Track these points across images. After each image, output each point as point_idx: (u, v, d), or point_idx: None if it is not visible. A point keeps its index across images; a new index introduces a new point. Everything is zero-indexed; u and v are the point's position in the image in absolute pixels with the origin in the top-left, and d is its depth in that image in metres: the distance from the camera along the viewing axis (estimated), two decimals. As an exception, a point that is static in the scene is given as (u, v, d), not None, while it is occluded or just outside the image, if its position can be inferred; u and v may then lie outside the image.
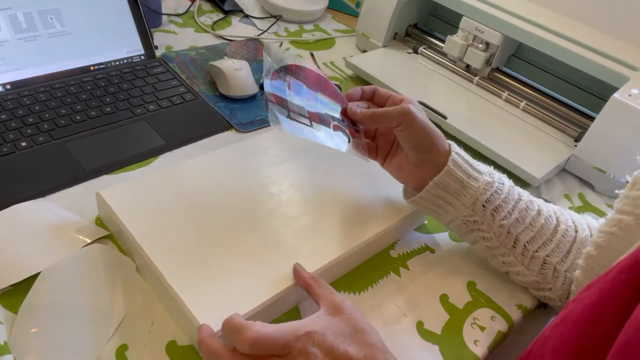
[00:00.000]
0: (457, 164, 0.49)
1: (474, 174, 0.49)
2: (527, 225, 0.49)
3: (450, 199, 0.50)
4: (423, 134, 0.49)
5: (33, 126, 0.61)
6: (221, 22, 0.95)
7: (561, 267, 0.49)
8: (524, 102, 0.78)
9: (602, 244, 0.44)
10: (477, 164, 0.51)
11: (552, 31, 0.73)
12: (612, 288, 0.33)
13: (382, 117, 0.49)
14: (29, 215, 0.51)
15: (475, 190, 0.49)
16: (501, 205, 0.49)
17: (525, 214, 0.50)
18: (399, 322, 0.50)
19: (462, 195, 0.49)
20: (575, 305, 0.36)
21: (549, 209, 0.52)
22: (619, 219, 0.43)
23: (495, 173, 0.51)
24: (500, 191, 0.49)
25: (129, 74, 0.73)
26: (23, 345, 0.41)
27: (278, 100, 0.49)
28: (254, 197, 0.55)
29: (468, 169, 0.49)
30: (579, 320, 0.35)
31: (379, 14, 0.88)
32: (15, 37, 0.66)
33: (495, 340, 0.50)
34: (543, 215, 0.50)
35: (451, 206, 0.50)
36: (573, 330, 0.35)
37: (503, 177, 0.51)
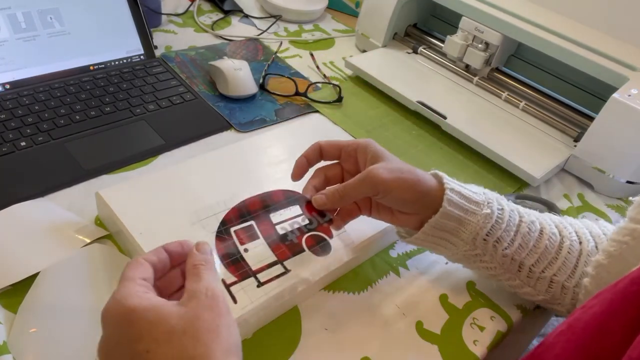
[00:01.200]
0: (452, 203, 0.45)
1: (471, 208, 0.46)
2: (530, 249, 0.47)
3: (448, 236, 0.47)
4: (404, 190, 0.45)
5: (32, 126, 0.61)
6: (221, 22, 0.95)
7: (569, 283, 0.48)
8: (524, 102, 0.78)
9: (614, 253, 0.43)
10: (472, 194, 0.47)
11: (552, 31, 0.73)
12: (622, 299, 0.32)
13: (353, 192, 0.45)
14: (29, 215, 0.51)
15: (475, 225, 0.46)
16: (503, 236, 0.46)
17: (528, 238, 0.47)
18: (399, 322, 0.50)
19: (461, 231, 0.46)
20: (583, 313, 0.35)
21: (550, 224, 0.49)
22: (632, 228, 0.41)
23: (492, 199, 0.47)
24: (500, 220, 0.46)
25: (129, 73, 0.73)
26: (22, 345, 0.41)
27: (240, 275, 0.43)
28: (253, 197, 0.55)
29: (464, 204, 0.46)
30: (586, 329, 0.34)
31: (379, 14, 0.88)
32: (14, 37, 0.66)
33: (495, 340, 0.50)
34: (546, 235, 0.47)
35: (450, 243, 0.48)
36: (580, 339, 0.34)
37: (501, 201, 0.48)
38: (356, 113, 0.77)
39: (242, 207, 0.47)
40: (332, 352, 0.46)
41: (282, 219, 0.48)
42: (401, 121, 0.77)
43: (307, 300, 0.49)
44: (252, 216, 0.47)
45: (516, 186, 0.70)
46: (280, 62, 0.87)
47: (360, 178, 0.45)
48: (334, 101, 0.78)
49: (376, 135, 0.73)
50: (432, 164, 0.70)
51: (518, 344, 0.62)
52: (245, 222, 0.46)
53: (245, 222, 0.46)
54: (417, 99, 0.76)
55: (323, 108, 0.76)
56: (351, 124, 0.74)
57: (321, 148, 0.49)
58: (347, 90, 0.81)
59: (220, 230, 0.45)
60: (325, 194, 0.46)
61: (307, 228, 0.47)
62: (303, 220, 0.48)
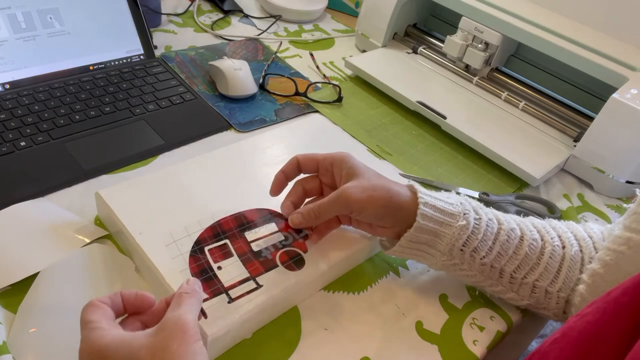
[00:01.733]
0: (426, 217, 0.46)
1: (446, 221, 0.46)
2: (510, 256, 0.47)
3: (425, 248, 0.48)
4: (377, 207, 0.45)
5: (32, 126, 0.61)
6: (220, 22, 0.95)
7: (552, 288, 0.47)
8: (523, 102, 0.78)
9: (610, 262, 0.43)
10: (447, 206, 0.46)
11: (552, 31, 0.73)
12: (614, 309, 0.32)
13: (328, 212, 0.46)
14: (28, 214, 0.51)
15: (450, 237, 0.46)
16: (480, 246, 0.46)
17: (507, 245, 0.46)
18: (398, 322, 0.50)
19: (437, 243, 0.47)
20: (577, 321, 0.35)
21: (532, 230, 0.48)
22: (628, 237, 0.41)
23: (469, 210, 0.47)
24: (477, 231, 0.46)
25: (128, 73, 0.73)
26: (22, 344, 0.41)
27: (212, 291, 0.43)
28: (253, 197, 0.55)
29: (439, 216, 0.46)
30: (580, 338, 0.34)
31: (379, 14, 0.88)
32: (14, 37, 0.65)
33: (495, 340, 0.50)
34: (526, 241, 0.47)
35: (428, 254, 0.48)
36: (574, 348, 0.34)
37: (479, 209, 0.48)
38: (356, 113, 0.77)
39: (217, 226, 0.48)
40: (332, 352, 0.46)
41: (257, 237, 0.48)
42: (401, 121, 0.77)
43: (306, 300, 0.49)
44: (226, 235, 0.48)
45: (516, 186, 0.70)
46: (280, 62, 0.87)
47: (333, 198, 0.46)
48: (334, 101, 0.78)
49: (376, 135, 0.73)
50: (432, 164, 0.70)
51: (518, 345, 0.62)
52: (220, 241, 0.47)
53: (219, 241, 0.47)
54: (417, 99, 0.76)
55: (323, 108, 0.77)
56: (351, 124, 0.74)
57: (299, 162, 0.50)
58: (346, 90, 0.81)
59: (195, 250, 0.45)
60: (301, 213, 0.47)
61: (282, 244, 0.48)
62: (279, 237, 0.49)
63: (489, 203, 0.65)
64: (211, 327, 0.41)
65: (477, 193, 0.66)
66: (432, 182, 0.66)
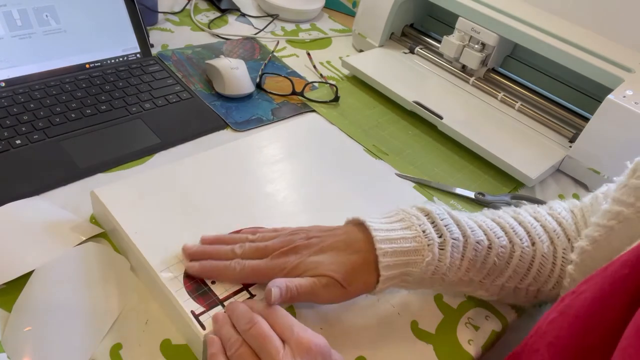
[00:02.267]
0: (389, 267, 0.43)
1: (411, 260, 0.44)
2: (478, 268, 0.45)
3: (401, 284, 0.46)
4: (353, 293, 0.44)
5: (28, 124, 0.61)
6: (217, 21, 0.95)
7: (522, 285, 0.47)
8: (520, 103, 0.79)
9: (599, 239, 0.41)
10: (408, 244, 0.44)
11: (548, 32, 0.73)
12: (613, 283, 0.31)
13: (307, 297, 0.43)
14: (23, 213, 0.51)
15: (418, 272, 0.44)
16: (447, 271, 0.45)
17: (474, 260, 0.45)
18: (393, 321, 0.50)
19: (406, 279, 0.45)
20: (574, 299, 0.35)
21: (500, 235, 0.46)
22: (617, 212, 0.39)
23: (432, 238, 0.44)
24: (443, 257, 0.44)
25: (125, 72, 0.73)
26: (16, 343, 0.41)
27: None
28: (249, 197, 0.55)
29: (403, 259, 0.43)
30: (578, 315, 0.33)
31: (376, 13, 0.88)
32: (9, 34, 0.65)
33: (489, 339, 0.50)
34: (494, 250, 0.45)
35: (405, 286, 0.47)
36: (572, 326, 0.34)
37: (442, 227, 0.44)
38: (353, 113, 0.77)
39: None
40: (327, 352, 0.46)
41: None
42: (397, 121, 0.78)
43: (302, 300, 0.50)
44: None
45: (511, 186, 0.70)
46: (277, 62, 0.87)
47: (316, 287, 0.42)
48: (331, 101, 0.78)
49: (372, 135, 0.73)
50: (428, 164, 0.70)
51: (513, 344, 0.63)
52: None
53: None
54: (414, 99, 0.77)
55: (320, 107, 0.77)
56: (348, 124, 0.74)
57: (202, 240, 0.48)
58: (343, 90, 0.81)
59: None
60: (280, 288, 0.41)
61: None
62: None
63: (484, 203, 0.65)
64: (207, 327, 0.41)
65: (473, 193, 0.66)
66: (428, 182, 0.67)
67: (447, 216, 0.46)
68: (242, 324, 0.39)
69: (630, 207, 0.38)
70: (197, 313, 0.42)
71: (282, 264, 0.43)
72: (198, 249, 0.46)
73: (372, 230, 0.44)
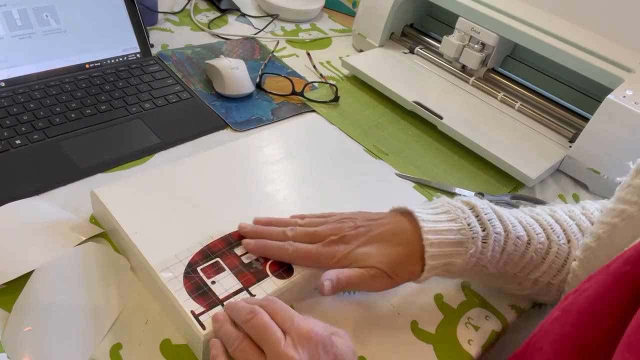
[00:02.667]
0: (434, 256, 0.45)
1: (455, 251, 0.45)
2: (515, 262, 0.47)
3: (443, 273, 0.47)
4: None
5: (28, 124, 0.61)
6: (217, 21, 0.95)
7: (555, 281, 0.48)
8: (519, 103, 0.79)
9: (603, 236, 0.42)
10: (453, 236, 0.45)
11: (548, 32, 0.73)
12: (615, 280, 0.32)
13: (356, 286, 0.46)
14: (23, 213, 0.51)
15: (461, 264, 0.46)
16: (488, 264, 0.46)
17: (513, 255, 0.47)
18: (394, 321, 0.50)
19: (449, 270, 0.47)
20: (577, 296, 0.35)
21: (539, 232, 0.47)
22: (621, 210, 0.40)
23: (476, 230, 0.45)
24: (485, 250, 0.46)
25: (125, 72, 0.73)
26: (17, 343, 0.41)
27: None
28: (249, 197, 0.55)
29: (448, 250, 0.45)
30: (581, 313, 0.34)
31: (376, 13, 0.88)
32: (9, 34, 0.65)
33: (489, 339, 0.50)
34: (532, 246, 0.47)
35: (446, 275, 0.48)
36: (575, 323, 0.34)
37: (486, 222, 0.46)
38: (353, 113, 0.77)
39: (206, 249, 0.48)
40: (327, 352, 0.46)
41: (247, 250, 0.49)
42: (397, 121, 0.78)
43: (303, 301, 0.50)
44: (216, 255, 0.48)
45: (511, 186, 0.70)
46: (277, 62, 0.87)
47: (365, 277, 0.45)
48: (331, 101, 0.78)
49: (372, 135, 0.73)
50: (428, 164, 0.70)
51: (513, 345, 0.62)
52: (211, 260, 0.47)
53: (210, 260, 0.47)
54: (414, 99, 0.77)
55: (319, 107, 0.77)
56: (347, 124, 0.74)
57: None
58: (343, 90, 0.81)
59: (188, 271, 0.45)
60: (331, 280, 0.44)
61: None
62: None
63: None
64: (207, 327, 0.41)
65: (472, 193, 0.66)
66: (428, 182, 0.67)
67: (490, 210, 0.47)
68: (243, 315, 0.39)
69: (634, 205, 0.39)
70: (197, 313, 0.42)
71: (333, 252, 0.46)
72: (252, 229, 0.49)
73: (419, 221, 0.46)
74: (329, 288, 0.43)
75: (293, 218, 0.51)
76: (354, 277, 0.44)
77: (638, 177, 0.39)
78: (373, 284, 0.45)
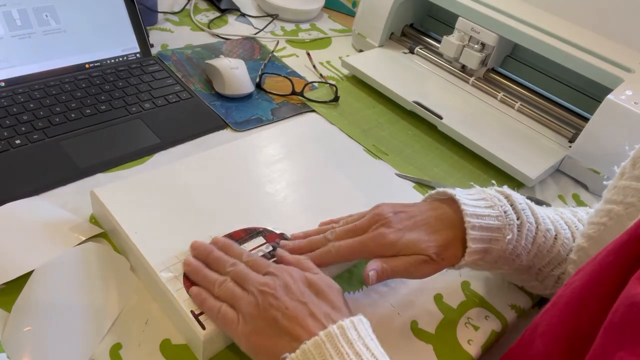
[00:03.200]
0: (476, 240, 0.46)
1: (494, 237, 0.46)
2: (544, 255, 0.48)
3: (479, 262, 0.48)
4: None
5: (27, 124, 0.61)
6: (217, 21, 0.95)
7: None
8: (519, 103, 0.79)
9: (593, 235, 0.43)
10: (492, 221, 0.46)
11: (548, 32, 0.73)
12: (599, 271, 0.33)
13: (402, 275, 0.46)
14: (23, 213, 0.51)
15: (499, 250, 0.47)
16: (521, 252, 0.48)
17: (542, 247, 0.48)
18: (393, 321, 0.50)
19: (486, 256, 0.47)
20: (565, 289, 0.37)
21: (565, 228, 0.49)
22: (608, 209, 0.42)
23: (512, 219, 0.47)
24: (520, 238, 0.47)
25: (124, 72, 0.73)
26: (16, 343, 0.41)
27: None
28: (249, 196, 0.55)
29: (487, 235, 0.46)
30: (568, 304, 0.35)
31: (376, 13, 0.88)
32: (9, 34, 0.65)
33: (489, 339, 0.50)
34: (560, 240, 0.48)
35: (481, 265, 0.49)
36: (563, 314, 0.35)
37: (520, 212, 0.47)
38: (352, 113, 0.77)
39: None
40: (327, 352, 0.46)
41: (247, 249, 0.48)
42: (397, 121, 0.78)
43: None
44: None
45: (511, 186, 0.69)
46: (277, 62, 0.87)
47: (411, 265, 0.45)
48: (331, 101, 0.78)
49: (372, 135, 0.73)
50: (427, 163, 0.70)
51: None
52: None
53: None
54: (413, 99, 0.77)
55: (319, 107, 0.77)
56: (347, 124, 0.74)
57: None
58: (343, 90, 0.81)
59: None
60: (376, 270, 0.44)
61: (270, 254, 0.49)
62: (267, 247, 0.49)
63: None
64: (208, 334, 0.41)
65: (472, 193, 0.66)
66: (428, 182, 0.67)
67: (523, 201, 0.48)
68: (227, 265, 0.43)
69: (619, 205, 0.41)
70: (197, 313, 0.42)
71: (379, 237, 0.46)
72: (294, 246, 0.49)
73: (461, 204, 0.46)
74: (374, 278, 0.44)
75: (325, 225, 0.51)
76: (400, 266, 0.45)
77: (622, 179, 0.42)
78: (418, 271, 0.45)
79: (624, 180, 0.41)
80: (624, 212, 0.41)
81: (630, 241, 0.32)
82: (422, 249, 0.45)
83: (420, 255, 0.45)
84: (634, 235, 0.32)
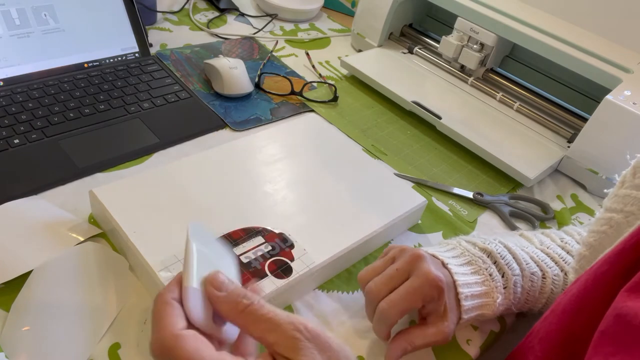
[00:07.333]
0: (468, 310, 0.46)
1: (484, 303, 0.47)
2: (537, 297, 0.49)
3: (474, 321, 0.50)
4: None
5: (26, 123, 0.61)
6: (216, 20, 0.95)
7: None
8: (518, 103, 0.79)
9: (594, 244, 0.44)
10: (481, 288, 0.47)
11: (547, 33, 0.73)
12: (594, 279, 0.34)
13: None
14: (22, 213, 0.51)
15: (491, 314, 0.47)
16: (512, 306, 0.49)
17: (532, 290, 0.49)
18: (392, 321, 0.50)
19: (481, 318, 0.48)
20: (564, 296, 0.37)
21: (551, 265, 0.50)
22: (609, 218, 0.42)
23: (497, 279, 0.47)
24: (507, 294, 0.48)
25: (123, 71, 0.73)
26: (15, 343, 0.41)
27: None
28: (247, 196, 0.55)
29: (479, 302, 0.47)
30: (565, 311, 0.36)
31: (375, 13, 0.88)
32: (8, 34, 0.65)
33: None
34: (548, 279, 0.49)
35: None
36: (560, 321, 0.36)
37: (504, 266, 0.48)
38: (351, 112, 0.77)
39: None
40: (326, 351, 0.46)
41: (246, 250, 0.49)
42: (396, 121, 0.78)
43: (301, 300, 0.50)
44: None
45: (510, 186, 0.70)
46: (276, 61, 0.87)
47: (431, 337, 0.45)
48: (330, 100, 0.78)
49: (371, 135, 0.73)
50: (426, 163, 0.70)
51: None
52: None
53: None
54: (412, 99, 0.77)
55: (318, 107, 0.77)
56: (346, 124, 0.74)
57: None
58: (342, 90, 0.81)
59: None
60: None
61: (269, 254, 0.49)
62: (266, 247, 0.49)
63: (483, 203, 0.65)
64: None
65: (471, 193, 0.66)
66: (426, 182, 0.67)
67: (506, 252, 0.49)
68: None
69: (620, 213, 0.41)
70: None
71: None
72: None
73: (454, 274, 0.46)
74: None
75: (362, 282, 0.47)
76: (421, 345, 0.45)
77: (623, 187, 0.42)
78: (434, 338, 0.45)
79: (625, 189, 0.42)
80: (624, 220, 0.41)
81: (625, 250, 0.32)
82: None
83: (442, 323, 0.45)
84: (628, 244, 0.32)
